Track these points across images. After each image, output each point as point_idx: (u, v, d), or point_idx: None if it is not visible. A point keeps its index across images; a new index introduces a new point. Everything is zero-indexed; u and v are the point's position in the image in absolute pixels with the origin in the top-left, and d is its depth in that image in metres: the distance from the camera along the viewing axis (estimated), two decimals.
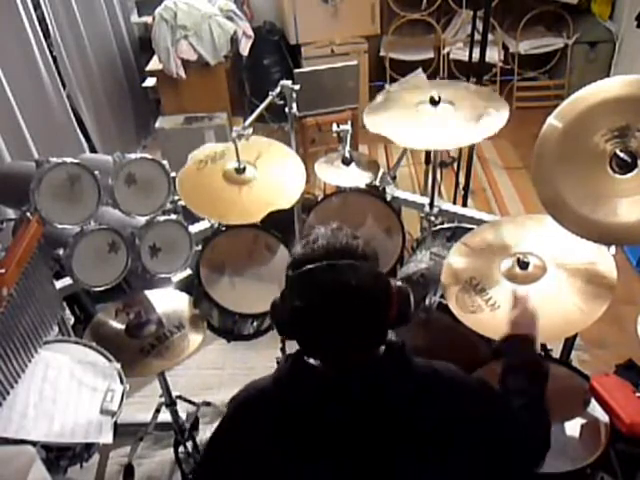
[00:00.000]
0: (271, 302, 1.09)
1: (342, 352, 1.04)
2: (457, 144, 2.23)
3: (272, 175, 1.99)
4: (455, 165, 3.23)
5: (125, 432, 2.01)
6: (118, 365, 1.63)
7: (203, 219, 2.17)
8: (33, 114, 2.75)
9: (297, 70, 3.63)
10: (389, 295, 1.04)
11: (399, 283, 1.07)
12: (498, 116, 1.81)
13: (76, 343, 1.70)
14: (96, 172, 1.64)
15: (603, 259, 1.63)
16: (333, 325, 1.00)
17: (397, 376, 1.05)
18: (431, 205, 2.16)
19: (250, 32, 3.99)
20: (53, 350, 1.60)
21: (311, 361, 1.07)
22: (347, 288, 0.98)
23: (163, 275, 1.87)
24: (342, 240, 1.03)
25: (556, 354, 1.96)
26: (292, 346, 1.10)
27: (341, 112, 3.62)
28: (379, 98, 2.03)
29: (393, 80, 4.69)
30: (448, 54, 4.57)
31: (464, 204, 2.99)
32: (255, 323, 2.02)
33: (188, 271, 2.01)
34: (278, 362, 1.11)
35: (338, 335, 1.01)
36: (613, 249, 1.70)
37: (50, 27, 3.06)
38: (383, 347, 1.07)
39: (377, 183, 2.27)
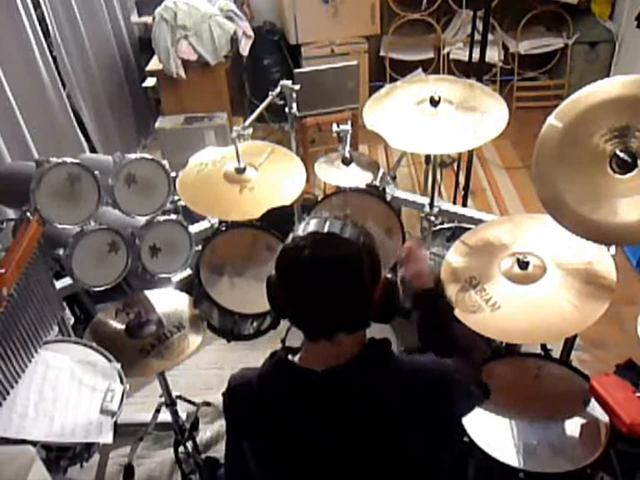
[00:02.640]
0: (267, 276, 1.11)
1: (322, 317, 1.04)
2: (455, 149, 2.21)
3: (272, 176, 1.99)
4: (455, 165, 3.23)
5: (125, 432, 2.01)
6: (118, 365, 1.63)
7: (203, 219, 2.17)
8: (33, 114, 2.75)
9: (297, 70, 3.63)
10: (377, 270, 1.06)
11: (389, 275, 1.10)
12: (494, 121, 1.81)
13: (76, 343, 1.70)
14: (96, 172, 1.65)
15: (603, 259, 1.63)
16: (317, 274, 1.00)
17: (378, 374, 1.05)
18: (431, 205, 2.16)
19: (250, 32, 3.99)
20: (53, 350, 1.60)
21: (295, 359, 1.08)
22: (335, 237, 1.01)
23: (163, 275, 1.87)
24: (344, 215, 1.08)
25: (556, 354, 1.96)
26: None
27: (341, 112, 3.62)
28: (383, 90, 2.02)
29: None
30: (448, 54, 4.57)
31: (464, 204, 2.99)
32: (255, 323, 2.02)
33: (188, 271, 2.01)
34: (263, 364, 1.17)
35: (321, 289, 1.01)
36: (613, 249, 1.70)
37: (50, 27, 3.05)
38: (365, 344, 1.08)
39: (377, 183, 2.27)
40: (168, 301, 1.96)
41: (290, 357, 1.09)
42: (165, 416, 2.14)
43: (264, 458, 1.08)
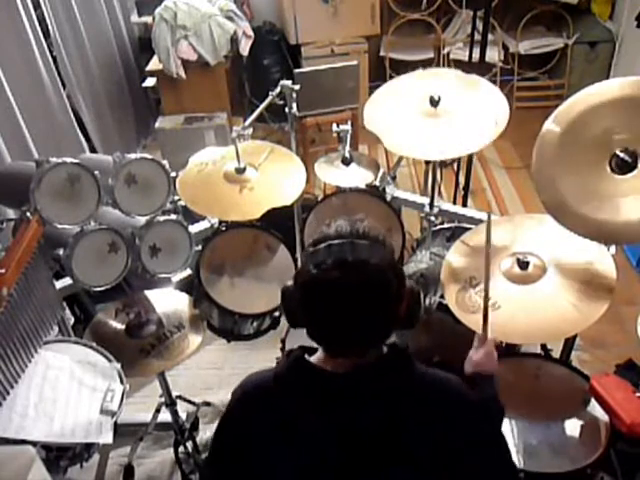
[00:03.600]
0: (282, 288, 1.09)
1: (347, 339, 1.02)
2: (456, 153, 2.16)
3: (272, 176, 1.99)
4: (455, 165, 3.23)
5: (125, 432, 2.01)
6: (118, 365, 1.63)
7: (203, 219, 2.17)
8: (33, 114, 2.75)
9: (297, 70, 3.63)
10: (402, 287, 1.04)
11: (412, 283, 1.08)
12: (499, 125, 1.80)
13: (76, 343, 1.70)
14: (96, 172, 1.65)
15: (603, 259, 1.63)
16: (344, 301, 0.98)
17: (397, 378, 1.04)
18: (431, 205, 2.15)
19: (250, 32, 3.99)
20: (53, 350, 1.60)
21: (312, 359, 1.07)
22: (365, 265, 0.97)
23: (163, 275, 1.87)
24: (364, 226, 1.04)
25: (556, 354, 1.96)
26: (292, 346, 1.10)
27: (341, 112, 3.62)
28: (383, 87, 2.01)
29: None
30: (448, 54, 4.58)
31: (464, 204, 2.99)
32: (255, 323, 2.02)
33: (188, 271, 2.01)
34: (278, 362, 1.13)
35: (347, 315, 0.99)
36: (613, 249, 1.71)
37: (50, 27, 3.05)
38: (385, 348, 1.07)
39: (377, 183, 2.27)
40: (168, 301, 1.96)
41: (307, 357, 1.08)
42: (165, 416, 2.14)
43: (275, 461, 1.06)
